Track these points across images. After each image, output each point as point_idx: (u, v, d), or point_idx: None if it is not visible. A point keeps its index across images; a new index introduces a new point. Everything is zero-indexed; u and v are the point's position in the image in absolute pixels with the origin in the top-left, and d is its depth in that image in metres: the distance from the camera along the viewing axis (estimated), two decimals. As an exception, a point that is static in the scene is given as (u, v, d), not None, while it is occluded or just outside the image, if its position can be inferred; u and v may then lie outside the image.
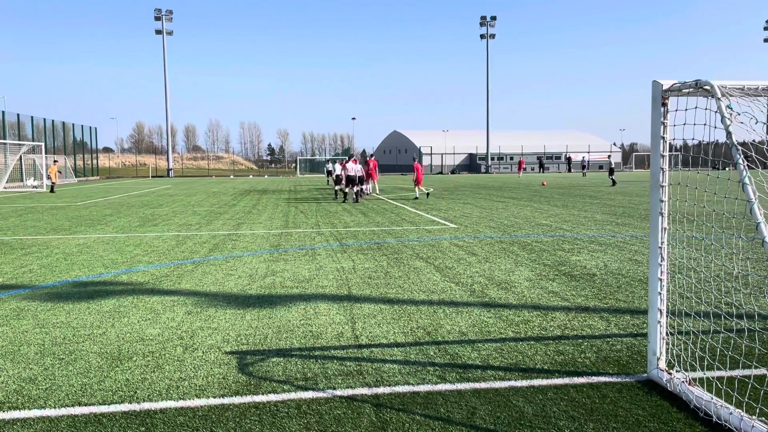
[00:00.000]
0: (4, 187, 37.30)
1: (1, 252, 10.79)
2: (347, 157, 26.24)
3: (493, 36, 75.28)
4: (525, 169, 72.75)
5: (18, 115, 47.66)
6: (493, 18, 74.74)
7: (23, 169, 43.96)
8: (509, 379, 4.45)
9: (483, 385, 4.35)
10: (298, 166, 78.23)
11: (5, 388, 4.31)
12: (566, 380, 4.43)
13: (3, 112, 45.55)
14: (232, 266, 9.22)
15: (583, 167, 58.57)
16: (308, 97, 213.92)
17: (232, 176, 71.26)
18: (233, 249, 11.02)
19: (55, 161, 37.56)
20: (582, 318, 6.12)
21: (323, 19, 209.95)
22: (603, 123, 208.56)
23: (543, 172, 74.80)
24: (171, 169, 70.47)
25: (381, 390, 4.25)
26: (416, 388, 4.27)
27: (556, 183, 39.71)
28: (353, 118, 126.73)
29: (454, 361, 4.85)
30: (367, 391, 4.22)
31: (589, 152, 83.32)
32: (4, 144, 39.34)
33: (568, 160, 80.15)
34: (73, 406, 4.00)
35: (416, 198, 24.28)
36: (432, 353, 5.04)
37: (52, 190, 32.78)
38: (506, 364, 4.77)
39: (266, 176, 71.08)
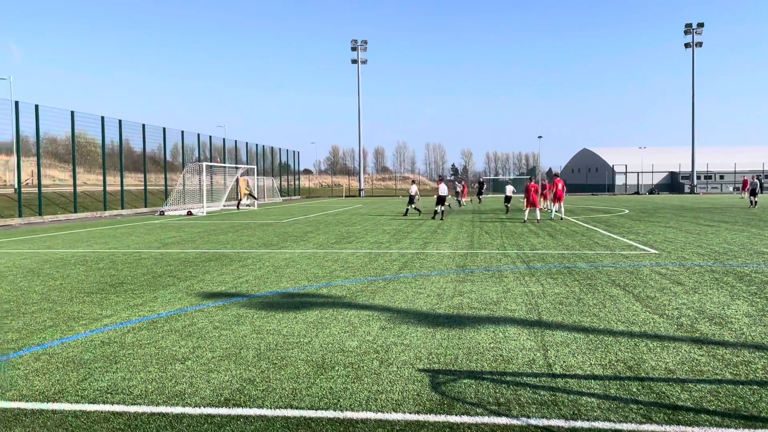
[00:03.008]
0: (224, 205, 42.44)
1: (223, 263, 12.27)
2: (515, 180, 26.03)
3: (699, 44, 68.83)
4: (739, 189, 65.01)
5: (236, 141, 54.18)
6: (700, 25, 68.39)
7: (238, 190, 49.67)
8: (728, 426, 3.98)
9: (696, 429, 3.95)
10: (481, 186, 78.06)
11: (230, 387, 4.88)
12: (802, 436, 3.85)
13: (224, 139, 52.08)
14: (420, 285, 9.47)
15: None
16: (493, 116, 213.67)
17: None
18: (421, 268, 11.32)
19: (247, 184, 40.37)
20: (820, 364, 5.27)
21: (507, 38, 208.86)
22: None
23: (762, 192, 66.13)
24: (362, 189, 74.67)
25: (579, 424, 4.05)
26: (618, 426, 4.01)
27: (777, 205, 34.85)
28: (539, 137, 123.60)
29: (660, 400, 4.47)
30: (563, 424, 4.06)
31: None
32: (224, 167, 44.84)
33: (794, 178, 70.04)
34: (285, 408, 4.39)
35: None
36: (635, 390, 4.69)
37: (238, 207, 34.33)
38: (723, 409, 4.27)
39: (450, 196, 71.97)
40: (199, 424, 4.12)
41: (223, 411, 4.36)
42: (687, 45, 69.49)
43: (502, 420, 4.13)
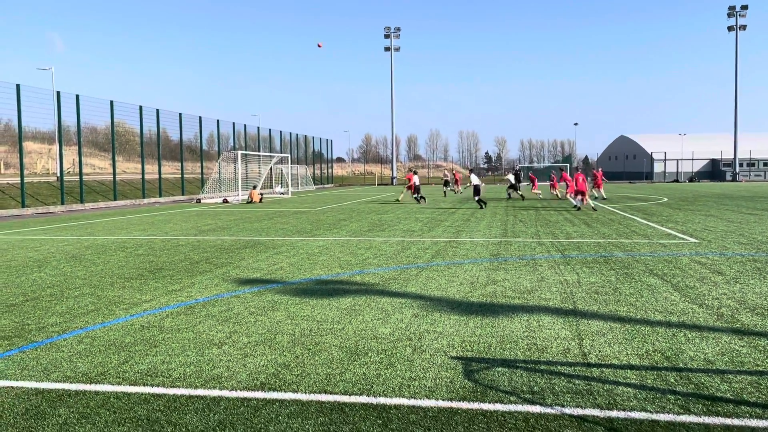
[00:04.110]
0: (259, 193, 42.89)
1: (258, 251, 12.44)
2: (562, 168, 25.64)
3: (743, 27, 66.54)
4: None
5: (270, 130, 54.61)
6: (744, 7, 66.05)
7: (272, 178, 50.13)
8: (770, 420, 3.89)
9: (736, 421, 3.87)
10: (518, 176, 77.28)
11: (266, 371, 4.96)
12: None
13: (258, 127, 52.57)
14: (453, 273, 9.45)
15: None
16: (528, 103, 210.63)
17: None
18: (454, 256, 11.29)
19: (254, 186, 38.69)
20: None
21: (542, 22, 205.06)
22: None
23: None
24: (395, 178, 74.58)
25: (614, 414, 4.01)
26: (655, 417, 3.95)
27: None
28: (575, 124, 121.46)
29: (699, 391, 4.39)
30: (599, 413, 4.02)
31: None
32: (258, 156, 45.29)
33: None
34: (319, 393, 4.45)
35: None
36: (672, 380, 4.61)
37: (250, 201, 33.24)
38: (765, 401, 4.17)
39: (483, 184, 71.45)
40: (236, 407, 4.20)
41: (259, 395, 4.44)
42: (730, 28, 67.25)
43: (536, 408, 4.11)
